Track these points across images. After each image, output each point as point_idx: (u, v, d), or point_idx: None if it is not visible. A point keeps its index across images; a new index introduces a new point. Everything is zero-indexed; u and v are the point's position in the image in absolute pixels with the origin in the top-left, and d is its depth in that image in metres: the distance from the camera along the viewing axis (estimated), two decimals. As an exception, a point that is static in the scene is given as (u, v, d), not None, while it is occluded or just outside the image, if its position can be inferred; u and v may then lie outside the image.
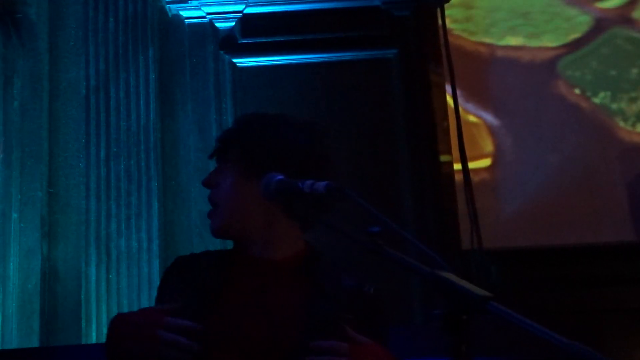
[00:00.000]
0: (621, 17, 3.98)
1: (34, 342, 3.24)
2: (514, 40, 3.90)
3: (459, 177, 3.53)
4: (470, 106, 3.79)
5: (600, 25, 3.96)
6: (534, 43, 3.90)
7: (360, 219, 1.73)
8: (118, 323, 1.78)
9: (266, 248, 1.85)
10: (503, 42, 3.90)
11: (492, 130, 3.80)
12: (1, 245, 3.39)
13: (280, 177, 1.72)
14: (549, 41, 3.91)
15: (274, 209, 1.82)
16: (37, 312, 3.30)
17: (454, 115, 3.55)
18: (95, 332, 3.24)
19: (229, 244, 1.95)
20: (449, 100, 3.65)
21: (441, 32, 3.69)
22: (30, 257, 3.38)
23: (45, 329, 3.32)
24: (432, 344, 2.61)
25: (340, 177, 1.83)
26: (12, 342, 3.30)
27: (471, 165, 3.55)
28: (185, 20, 3.71)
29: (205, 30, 3.70)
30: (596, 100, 3.86)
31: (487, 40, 3.90)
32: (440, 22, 3.71)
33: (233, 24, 3.72)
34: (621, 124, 3.85)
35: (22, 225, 3.43)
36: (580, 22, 3.95)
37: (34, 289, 3.33)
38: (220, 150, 1.92)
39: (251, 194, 1.81)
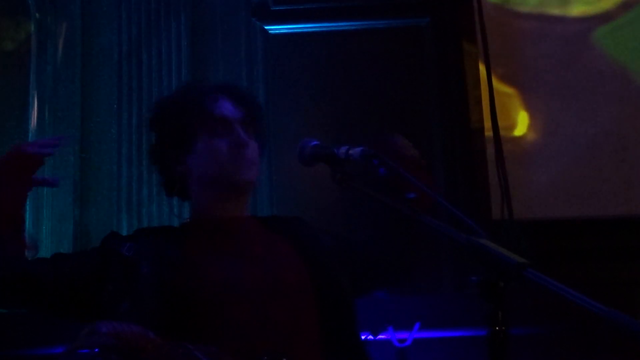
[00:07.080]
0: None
1: (66, 305, 3.27)
2: (549, 10, 3.84)
3: (490, 147, 3.50)
4: (503, 76, 3.75)
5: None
6: (570, 13, 3.84)
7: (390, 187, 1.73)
8: None
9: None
10: (538, 11, 3.84)
11: (525, 101, 3.76)
12: (34, 209, 3.42)
13: (316, 142, 1.72)
14: (584, 11, 3.85)
15: None
16: (70, 276, 3.33)
17: (487, 85, 3.52)
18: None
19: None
20: (482, 69, 3.61)
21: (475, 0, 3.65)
22: (63, 221, 3.42)
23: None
24: (462, 312, 2.61)
25: (370, 145, 1.82)
26: (45, 304, 3.35)
27: (503, 135, 3.52)
28: (218, -13, 3.70)
29: (237, -4, 3.69)
30: (631, 71, 3.80)
31: (522, 9, 3.84)
32: (473, -11, 3.67)
33: (265, -10, 3.71)
34: (657, 95, 3.79)
35: (54, 189, 3.46)
36: (616, -9, 3.88)
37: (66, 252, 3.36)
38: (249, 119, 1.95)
39: None
